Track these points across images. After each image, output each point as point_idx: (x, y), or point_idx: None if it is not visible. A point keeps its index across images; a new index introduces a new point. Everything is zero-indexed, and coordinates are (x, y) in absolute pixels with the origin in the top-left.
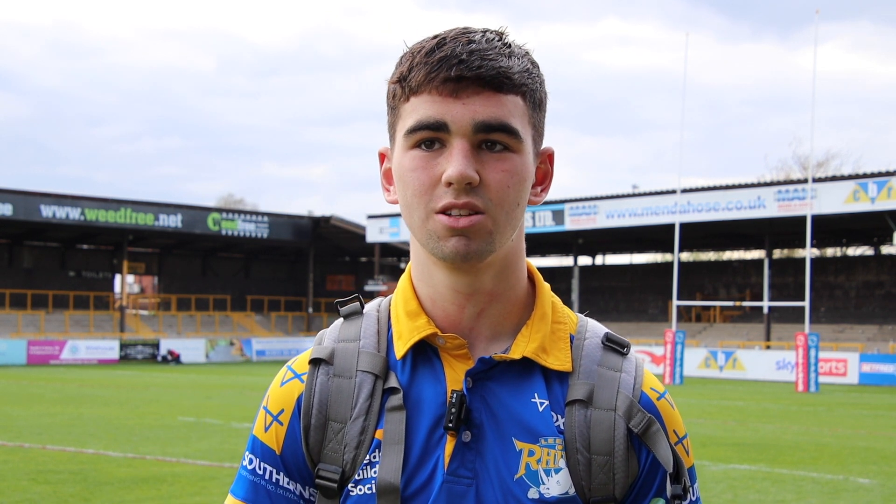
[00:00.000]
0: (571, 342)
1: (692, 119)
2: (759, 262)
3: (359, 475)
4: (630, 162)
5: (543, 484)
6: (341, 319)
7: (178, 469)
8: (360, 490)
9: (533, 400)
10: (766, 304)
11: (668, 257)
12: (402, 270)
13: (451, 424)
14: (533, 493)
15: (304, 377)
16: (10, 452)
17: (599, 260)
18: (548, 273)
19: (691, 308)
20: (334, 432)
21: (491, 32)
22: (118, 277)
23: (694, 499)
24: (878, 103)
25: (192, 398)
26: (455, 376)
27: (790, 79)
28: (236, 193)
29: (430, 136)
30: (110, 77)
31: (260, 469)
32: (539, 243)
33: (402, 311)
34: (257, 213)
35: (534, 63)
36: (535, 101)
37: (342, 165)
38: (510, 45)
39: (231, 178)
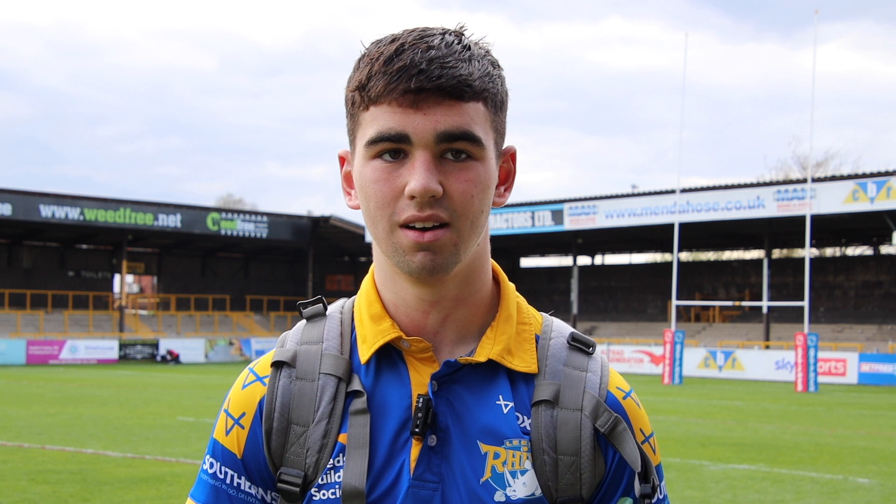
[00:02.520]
0: (537, 342)
1: (694, 119)
2: (759, 261)
3: (322, 479)
4: (631, 162)
5: (510, 486)
6: (304, 321)
7: (178, 469)
8: (324, 494)
9: (498, 402)
10: (765, 303)
11: (667, 257)
12: None
13: (417, 429)
14: (499, 496)
15: (266, 380)
16: (9, 452)
17: (599, 260)
18: (547, 273)
19: (690, 308)
20: (296, 436)
21: (450, 34)
22: (117, 277)
23: (661, 497)
24: (879, 103)
25: (191, 398)
26: (420, 380)
27: (791, 79)
28: (236, 193)
29: (392, 147)
30: (111, 77)
31: (221, 473)
32: (538, 243)
33: (365, 315)
34: (256, 213)
35: (494, 64)
36: (497, 104)
37: None
38: (469, 47)
39: (231, 178)
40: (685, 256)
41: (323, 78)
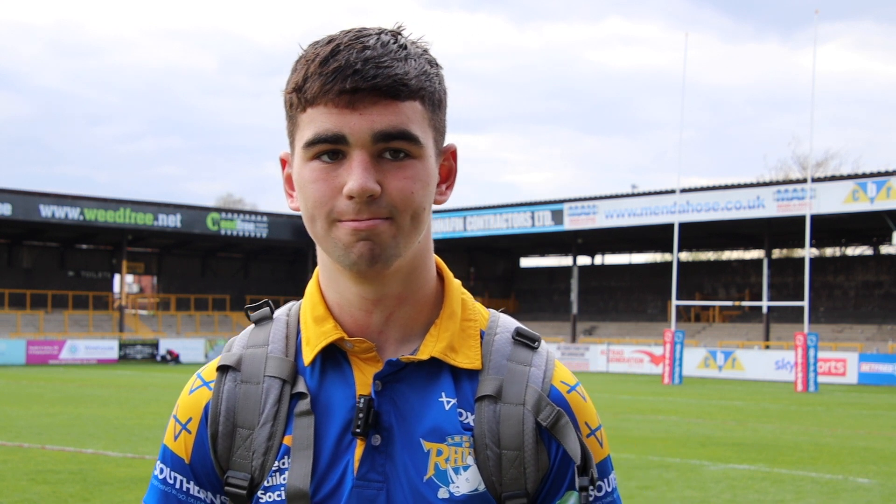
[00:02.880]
0: (482, 339)
1: (694, 119)
2: (759, 261)
3: (268, 482)
4: (631, 162)
5: (453, 483)
6: (252, 325)
7: None
8: (270, 497)
9: (440, 399)
10: (765, 303)
11: (667, 257)
12: None
13: (358, 430)
14: (443, 493)
15: (212, 385)
16: (9, 452)
17: (599, 260)
18: (547, 273)
19: (690, 308)
20: (242, 439)
21: (386, 34)
22: (117, 277)
23: (610, 489)
24: (879, 103)
25: None
26: (364, 380)
27: (792, 79)
28: (236, 193)
29: (330, 149)
30: (112, 77)
31: (170, 478)
32: (538, 243)
33: (309, 317)
34: (256, 213)
35: (431, 62)
36: (435, 102)
37: None
38: (406, 46)
39: (231, 178)
40: (685, 256)
41: None
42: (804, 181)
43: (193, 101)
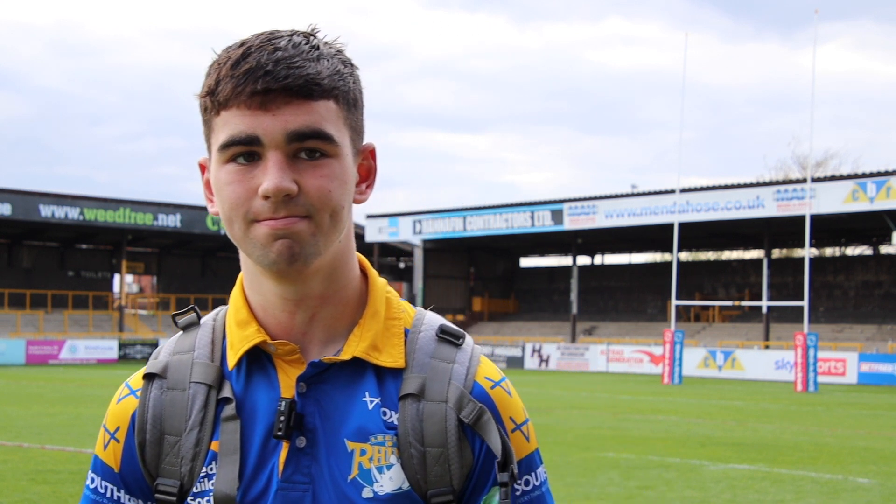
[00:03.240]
0: (407, 337)
1: (694, 119)
2: (758, 261)
3: (197, 488)
4: (631, 162)
5: (377, 482)
6: (180, 332)
7: None
8: (199, 503)
9: (364, 399)
10: (765, 303)
11: (667, 257)
12: (402, 270)
13: (280, 433)
14: (367, 493)
15: (139, 393)
16: (9, 452)
17: (598, 260)
18: (546, 273)
19: (690, 308)
20: (170, 446)
21: (298, 35)
22: (117, 277)
23: (538, 483)
24: (879, 103)
25: None
26: (289, 382)
27: (792, 78)
28: None
29: (244, 151)
30: (112, 77)
31: (101, 488)
32: (538, 243)
33: (233, 321)
34: None
35: (345, 62)
36: (350, 102)
37: None
38: (318, 46)
39: None
40: (685, 256)
41: None
42: (804, 181)
43: (193, 101)
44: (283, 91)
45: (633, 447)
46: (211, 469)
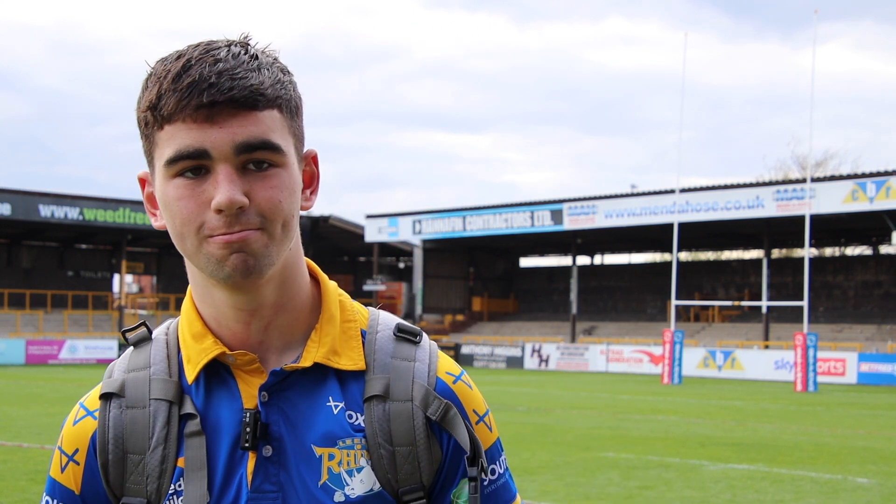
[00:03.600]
0: (364, 338)
1: (695, 119)
2: (758, 261)
3: None
4: (631, 162)
5: (348, 485)
6: (131, 348)
7: None
8: None
9: (328, 404)
10: (764, 303)
11: (666, 257)
12: (401, 270)
13: (247, 444)
14: (338, 497)
15: (97, 414)
16: (8, 452)
17: (598, 260)
18: (546, 273)
19: (690, 308)
20: (134, 464)
21: (236, 45)
22: (117, 277)
23: (501, 471)
24: (879, 103)
25: None
26: (250, 392)
27: (792, 79)
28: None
29: (193, 165)
30: (112, 76)
31: None
32: (537, 243)
33: (187, 334)
34: None
35: (284, 70)
36: (292, 109)
37: (342, 165)
38: (257, 56)
39: None
40: (684, 256)
41: (323, 78)
42: (804, 181)
43: None
44: (228, 103)
45: (632, 447)
46: (179, 486)
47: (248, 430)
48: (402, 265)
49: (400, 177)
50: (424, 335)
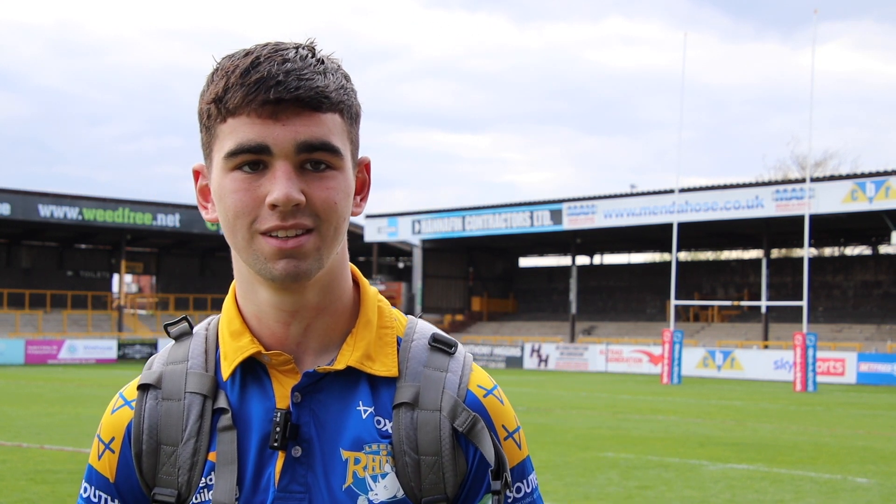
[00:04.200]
0: (399, 346)
1: (695, 119)
2: (757, 261)
3: (196, 498)
4: (631, 162)
5: (371, 490)
6: (172, 342)
7: None
8: None
9: (358, 408)
10: (764, 303)
11: (666, 257)
12: (401, 270)
13: (276, 443)
14: (362, 501)
15: (134, 404)
16: (8, 452)
17: (597, 259)
18: (546, 273)
19: (689, 308)
20: (167, 456)
21: (304, 48)
22: (116, 277)
23: (529, 490)
24: (878, 103)
25: None
26: (284, 392)
27: (792, 78)
28: None
29: (252, 159)
30: (112, 76)
31: (95, 497)
32: (537, 243)
33: (226, 332)
34: None
35: (347, 77)
36: (352, 116)
37: None
38: (323, 60)
39: None
40: (684, 256)
41: None
42: (803, 181)
43: (194, 101)
44: (294, 102)
45: (632, 447)
46: (210, 480)
47: (277, 429)
48: (401, 265)
49: (399, 177)
50: (460, 346)
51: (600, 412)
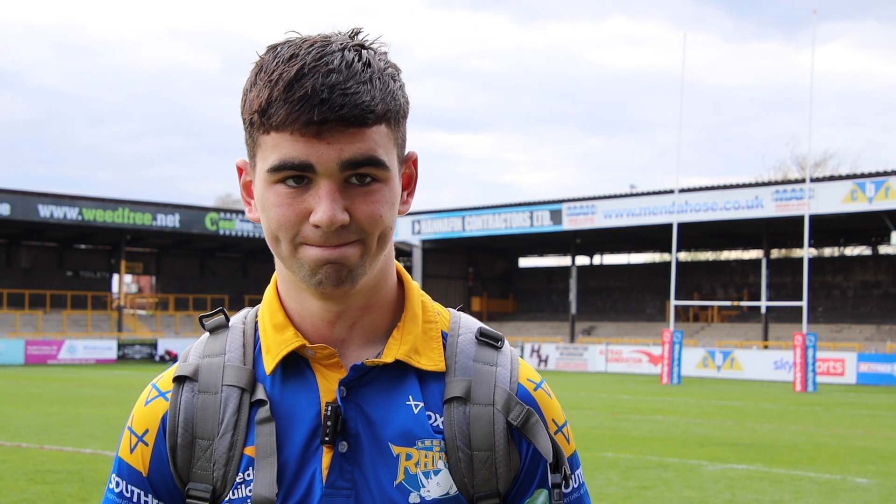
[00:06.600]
0: (445, 340)
1: (697, 119)
2: (757, 261)
3: (233, 494)
4: (632, 162)
5: (424, 487)
6: (207, 334)
7: None
8: None
9: (408, 403)
10: (763, 303)
11: (665, 257)
12: None
13: (327, 438)
14: (413, 498)
15: (169, 395)
16: (7, 452)
17: (597, 260)
18: (545, 273)
19: (689, 308)
20: (202, 450)
21: (350, 50)
22: (116, 277)
23: (577, 485)
24: (879, 103)
25: None
26: (328, 386)
27: (793, 78)
28: (235, 193)
29: (295, 174)
30: (112, 77)
31: (127, 492)
32: (537, 243)
33: (269, 325)
34: None
35: (394, 76)
36: (399, 118)
37: None
38: (370, 62)
39: (231, 179)
40: (684, 256)
41: None
42: (803, 181)
43: (194, 101)
44: (339, 121)
45: (631, 447)
46: (247, 475)
47: (328, 423)
48: (401, 265)
49: None
50: (506, 341)
51: (600, 412)
